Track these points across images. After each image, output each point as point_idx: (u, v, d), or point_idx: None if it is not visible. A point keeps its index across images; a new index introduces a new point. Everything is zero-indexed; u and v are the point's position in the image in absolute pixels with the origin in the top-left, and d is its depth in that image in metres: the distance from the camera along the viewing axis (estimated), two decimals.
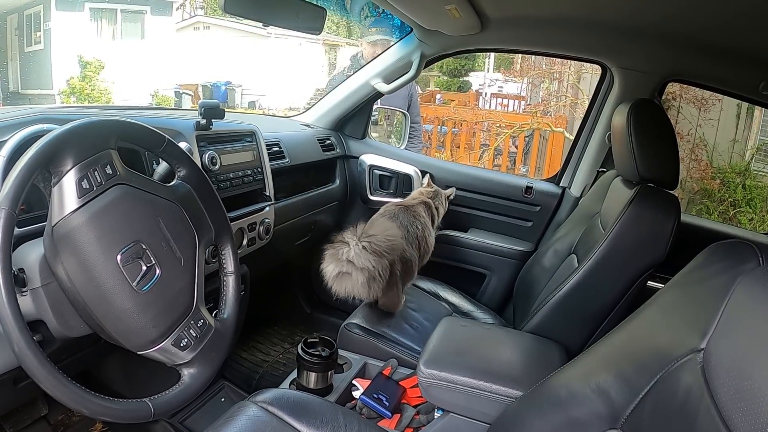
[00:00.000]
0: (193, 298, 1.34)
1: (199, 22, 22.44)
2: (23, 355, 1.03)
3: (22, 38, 18.22)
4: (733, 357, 0.90)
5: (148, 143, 1.37)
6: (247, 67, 19.65)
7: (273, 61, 19.97)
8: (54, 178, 1.15)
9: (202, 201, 1.44)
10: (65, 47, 16.97)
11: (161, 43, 18.96)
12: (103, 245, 1.17)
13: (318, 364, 1.84)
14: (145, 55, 18.27)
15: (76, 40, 17.10)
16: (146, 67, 17.87)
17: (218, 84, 18.56)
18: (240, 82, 18.79)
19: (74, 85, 16.59)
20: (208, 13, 24.23)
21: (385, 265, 2.10)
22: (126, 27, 18.79)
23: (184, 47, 19.85)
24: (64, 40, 17.11)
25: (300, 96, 19.45)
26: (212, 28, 21.88)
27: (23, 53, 18.22)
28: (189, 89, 17.68)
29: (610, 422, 1.08)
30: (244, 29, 20.91)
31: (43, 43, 17.62)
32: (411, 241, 2.35)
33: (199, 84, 18.48)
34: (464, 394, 1.57)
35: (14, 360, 1.23)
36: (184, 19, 22.54)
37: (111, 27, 18.55)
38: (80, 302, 1.17)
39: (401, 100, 4.02)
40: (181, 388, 1.29)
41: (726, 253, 1.06)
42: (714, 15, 1.76)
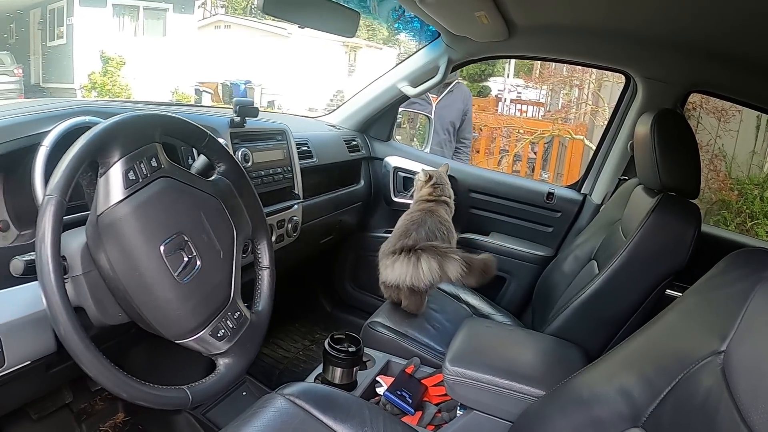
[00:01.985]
0: (230, 290, 1.38)
1: (220, 20, 22.54)
2: (69, 338, 1.07)
3: (44, 33, 18.36)
4: (753, 358, 0.94)
5: (191, 138, 1.41)
6: (266, 66, 19.68)
7: (293, 61, 19.97)
8: (101, 168, 1.18)
9: (241, 196, 1.47)
10: (87, 42, 17.10)
11: (182, 40, 19.05)
12: (147, 235, 1.21)
13: (344, 359, 1.86)
14: (166, 52, 18.35)
15: (99, 36, 17.22)
16: (167, 64, 17.96)
17: (238, 83, 18.60)
18: (259, 81, 18.82)
19: (95, 80, 16.72)
20: (229, 12, 24.35)
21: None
22: (148, 24, 18.89)
23: (204, 45, 19.93)
24: (87, 36, 17.23)
25: (319, 97, 19.48)
26: (233, 26, 21.99)
27: (46, 47, 18.37)
28: (209, 87, 17.76)
29: (632, 421, 1.12)
30: (264, 29, 20.96)
31: (66, 38, 17.75)
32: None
33: (218, 82, 18.55)
34: (488, 392, 1.60)
35: (50, 346, 1.30)
36: (205, 17, 22.64)
37: (133, 23, 18.66)
38: (121, 291, 1.21)
39: (456, 113, 4.07)
40: (218, 378, 1.32)
41: (746, 260, 1.12)
42: (737, 27, 1.76)
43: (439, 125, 4.01)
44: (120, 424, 2.29)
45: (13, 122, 1.38)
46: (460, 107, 4.11)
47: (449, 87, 4.08)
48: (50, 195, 1.07)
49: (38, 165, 1.32)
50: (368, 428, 1.43)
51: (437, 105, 4.03)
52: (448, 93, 4.09)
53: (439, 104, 4.04)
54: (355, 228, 3.17)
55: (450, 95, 4.09)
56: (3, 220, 1.40)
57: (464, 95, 4.22)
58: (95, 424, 2.24)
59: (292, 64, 19.96)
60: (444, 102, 4.06)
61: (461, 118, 4.14)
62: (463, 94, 4.21)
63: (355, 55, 23.33)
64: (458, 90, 4.16)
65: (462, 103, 4.15)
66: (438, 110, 4.01)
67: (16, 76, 16.86)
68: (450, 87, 4.08)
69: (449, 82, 4.03)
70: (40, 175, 1.32)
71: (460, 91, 4.19)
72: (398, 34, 23.79)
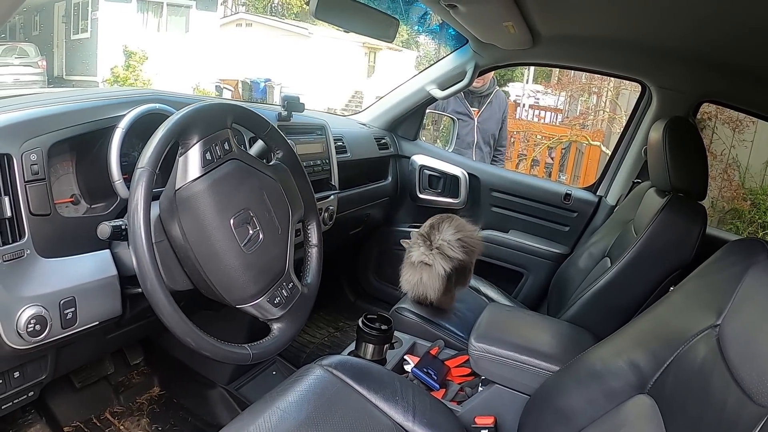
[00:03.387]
0: (285, 263, 1.53)
1: (242, 18, 22.49)
2: (154, 292, 1.23)
3: (69, 26, 18.40)
4: (743, 329, 1.13)
5: (256, 126, 1.58)
6: (286, 65, 19.62)
7: (312, 61, 19.94)
8: (181, 149, 1.35)
9: (296, 180, 1.64)
10: (111, 37, 17.12)
11: (204, 37, 19.06)
12: (219, 209, 1.37)
13: (376, 336, 1.98)
14: (188, 48, 18.39)
15: (122, 31, 17.25)
16: (189, 60, 18.00)
17: (258, 81, 18.59)
18: (279, 79, 18.82)
19: (118, 74, 16.76)
20: (251, 10, 24.35)
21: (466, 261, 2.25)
22: (171, 20, 18.92)
23: (226, 43, 19.95)
24: (110, 30, 17.26)
25: (337, 97, 19.48)
26: (254, 25, 21.93)
27: (69, 40, 18.40)
28: (229, 84, 17.79)
29: (639, 388, 1.29)
30: (285, 28, 20.94)
31: (90, 32, 17.78)
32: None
33: (239, 80, 18.59)
34: (509, 366, 1.73)
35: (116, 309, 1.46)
36: (227, 15, 22.67)
37: (156, 19, 18.69)
38: (191, 258, 1.36)
39: (495, 124, 4.03)
40: (273, 340, 1.48)
41: (740, 248, 1.31)
42: (749, 39, 1.84)
43: (481, 139, 3.98)
44: (156, 398, 2.40)
45: (89, 106, 1.53)
46: (498, 117, 4.06)
47: (489, 98, 3.98)
48: (143, 168, 1.24)
49: (114, 145, 1.48)
50: (399, 398, 1.55)
51: (479, 118, 3.97)
52: (488, 105, 3.99)
53: (480, 117, 3.97)
54: (381, 222, 3.27)
55: (489, 107, 4.00)
56: (74, 194, 1.55)
57: (501, 103, 4.12)
58: (132, 397, 2.36)
59: (311, 64, 19.90)
60: (485, 114, 3.99)
61: (499, 126, 4.09)
62: (500, 101, 4.11)
63: (374, 56, 23.24)
64: (496, 99, 4.06)
65: (500, 111, 4.09)
66: (480, 124, 3.97)
67: (40, 68, 16.96)
68: (489, 98, 3.99)
69: (488, 93, 3.97)
70: (116, 153, 1.48)
71: (498, 100, 4.08)
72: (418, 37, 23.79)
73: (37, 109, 1.41)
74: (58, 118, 1.42)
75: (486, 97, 3.97)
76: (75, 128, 1.45)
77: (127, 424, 2.25)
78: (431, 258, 2.15)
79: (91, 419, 2.21)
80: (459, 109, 3.91)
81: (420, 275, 2.17)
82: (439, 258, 2.15)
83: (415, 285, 2.19)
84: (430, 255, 2.15)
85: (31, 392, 1.52)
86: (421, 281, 2.17)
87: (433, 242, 2.17)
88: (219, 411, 2.34)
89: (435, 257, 2.15)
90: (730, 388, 1.06)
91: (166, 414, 2.34)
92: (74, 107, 1.49)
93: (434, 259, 2.15)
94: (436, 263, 2.14)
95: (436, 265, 2.15)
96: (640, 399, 1.27)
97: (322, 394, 1.50)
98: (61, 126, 1.41)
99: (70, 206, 1.54)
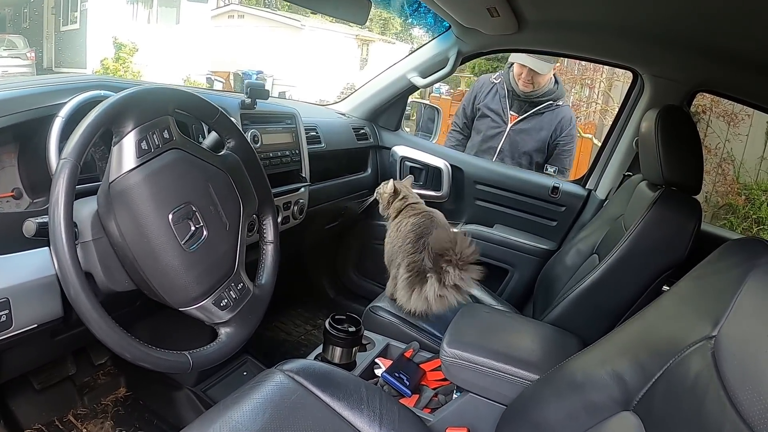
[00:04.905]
0: (234, 262, 1.42)
1: (234, 10, 22.58)
2: (78, 298, 1.11)
3: (58, 17, 18.45)
4: (743, 342, 0.98)
5: (203, 113, 1.46)
6: (279, 57, 19.73)
7: (305, 53, 20.02)
8: (115, 137, 1.22)
9: (249, 172, 1.52)
10: (101, 28, 17.16)
11: (195, 29, 19.09)
12: (157, 203, 1.25)
13: (344, 339, 1.90)
14: (179, 40, 18.41)
15: (112, 22, 17.28)
16: (179, 52, 18.02)
17: (249, 73, 18.57)
18: (271, 72, 18.83)
19: (107, 66, 16.74)
20: (243, 1, 24.37)
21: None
22: (162, 12, 18.96)
23: (217, 34, 19.98)
24: (100, 22, 17.30)
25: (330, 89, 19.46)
26: (246, 17, 22.03)
27: (59, 32, 18.46)
28: (221, 77, 17.79)
29: (624, 404, 1.15)
30: (277, 20, 21.02)
31: (79, 23, 17.82)
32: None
33: (230, 72, 18.59)
34: (484, 374, 1.62)
35: (57, 311, 1.34)
36: (219, 6, 22.67)
37: (147, 11, 18.73)
38: (129, 257, 1.25)
39: (535, 142, 3.37)
40: (219, 346, 1.36)
41: (740, 249, 1.16)
42: (744, 27, 1.78)
43: (508, 152, 3.41)
44: (121, 399, 2.35)
45: (29, 93, 1.43)
46: (543, 136, 3.36)
47: (539, 108, 3.35)
48: (65, 159, 1.11)
49: (53, 135, 1.37)
50: (365, 406, 1.46)
51: (513, 125, 3.39)
52: (535, 116, 3.37)
53: (517, 125, 3.38)
54: (360, 216, 3.19)
55: (536, 119, 3.37)
56: (16, 188, 1.46)
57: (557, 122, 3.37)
58: (97, 398, 2.30)
59: (304, 56, 20.02)
60: (525, 125, 3.38)
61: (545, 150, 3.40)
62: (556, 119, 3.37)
63: (367, 48, 23.36)
64: (552, 114, 3.37)
65: (549, 131, 3.36)
66: (513, 133, 3.38)
67: (29, 59, 16.97)
68: (540, 108, 3.35)
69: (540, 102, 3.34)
70: (55, 144, 1.37)
71: (554, 116, 3.37)
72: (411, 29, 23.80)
73: None
74: None
75: (535, 105, 3.35)
76: (14, 116, 1.35)
77: (91, 426, 2.20)
78: (445, 291, 2.12)
79: (53, 421, 2.17)
80: (493, 106, 3.44)
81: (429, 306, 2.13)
82: (453, 292, 2.12)
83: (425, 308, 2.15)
84: (445, 290, 2.12)
85: None
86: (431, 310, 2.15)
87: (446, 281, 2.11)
88: (185, 413, 2.27)
89: (449, 291, 2.12)
90: (726, 413, 0.92)
91: (131, 416, 2.29)
92: (12, 94, 1.40)
93: (448, 292, 2.12)
94: (450, 296, 2.12)
95: (448, 296, 2.12)
96: (625, 417, 1.14)
97: (280, 402, 1.42)
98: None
99: (11, 201, 1.46)
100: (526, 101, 3.34)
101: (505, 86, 3.38)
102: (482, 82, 3.55)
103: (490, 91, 3.45)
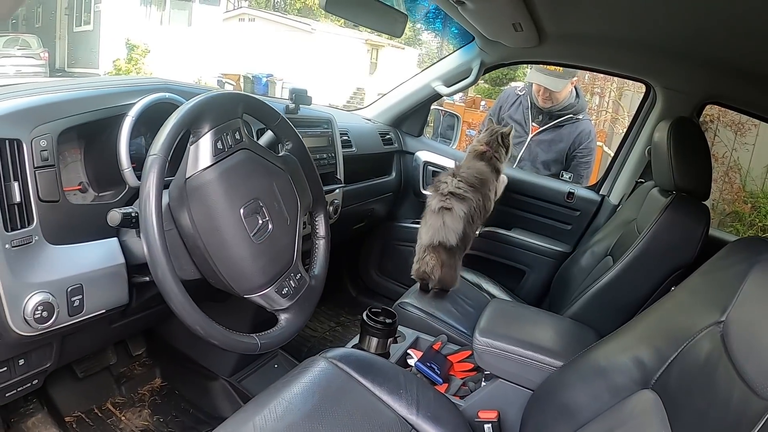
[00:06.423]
0: (294, 254, 1.54)
1: (245, 13, 22.56)
2: (164, 279, 1.23)
3: (71, 18, 18.45)
4: (747, 325, 1.15)
5: (267, 117, 1.59)
6: (289, 60, 19.68)
7: (315, 57, 19.98)
8: (192, 137, 1.35)
9: (305, 172, 1.65)
10: (113, 29, 17.17)
11: (207, 31, 19.11)
12: (229, 198, 1.37)
13: (380, 330, 1.99)
14: (190, 42, 18.43)
15: (125, 23, 17.30)
16: (191, 54, 18.04)
17: (260, 76, 18.61)
18: (281, 75, 18.85)
19: (120, 67, 16.79)
20: (253, 5, 24.38)
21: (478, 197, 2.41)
22: (174, 14, 18.97)
23: (228, 37, 19.99)
24: (113, 23, 17.31)
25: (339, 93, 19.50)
26: (257, 20, 21.98)
27: (72, 32, 18.45)
28: (231, 79, 17.80)
29: (643, 384, 1.30)
30: (287, 23, 20.98)
31: (92, 24, 17.83)
32: (474, 216, 2.47)
33: (241, 75, 18.61)
34: (513, 361, 1.74)
35: (122, 298, 1.47)
36: (230, 9, 22.70)
37: (159, 13, 18.74)
38: (200, 248, 1.37)
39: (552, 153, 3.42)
40: (281, 330, 1.49)
41: (745, 246, 1.33)
42: (752, 42, 1.85)
43: (528, 160, 3.47)
44: (157, 389, 2.42)
45: (99, 93, 1.54)
46: (561, 147, 3.40)
47: (558, 121, 3.39)
48: (155, 155, 1.24)
49: (124, 133, 1.49)
50: (403, 391, 1.56)
51: (534, 136, 3.44)
52: (555, 128, 3.41)
53: (537, 136, 3.44)
54: (384, 217, 3.28)
55: (555, 131, 3.41)
56: (82, 182, 1.56)
57: (576, 135, 3.38)
58: (134, 387, 2.37)
59: (314, 60, 19.97)
60: (545, 136, 3.43)
61: (563, 161, 3.42)
62: (575, 133, 3.39)
63: (377, 53, 23.28)
64: (572, 128, 3.39)
65: (568, 143, 3.39)
66: (532, 143, 3.44)
67: (42, 59, 16.98)
68: (560, 121, 3.39)
69: (561, 115, 3.38)
70: (125, 142, 1.49)
71: (574, 130, 3.39)
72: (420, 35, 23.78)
73: (47, 95, 1.42)
74: (68, 104, 1.43)
75: (555, 118, 3.39)
76: (85, 115, 1.45)
77: (129, 414, 2.26)
78: (450, 202, 2.34)
79: (92, 409, 2.22)
80: (516, 117, 3.50)
81: (443, 219, 2.32)
82: (456, 201, 2.35)
83: (439, 229, 2.32)
84: (447, 200, 2.35)
85: (35, 380, 1.53)
86: (444, 225, 2.31)
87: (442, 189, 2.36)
88: (220, 403, 2.35)
89: (453, 201, 2.35)
90: (735, 382, 1.07)
91: (168, 405, 2.35)
92: (85, 94, 1.50)
93: (453, 203, 2.34)
94: (456, 206, 2.34)
95: (455, 208, 2.34)
96: (644, 394, 1.28)
97: (327, 386, 1.51)
98: (71, 113, 1.42)
99: (78, 194, 1.54)
100: (547, 114, 3.40)
101: (528, 98, 3.45)
102: (508, 93, 3.63)
103: (515, 103, 3.52)
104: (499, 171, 2.66)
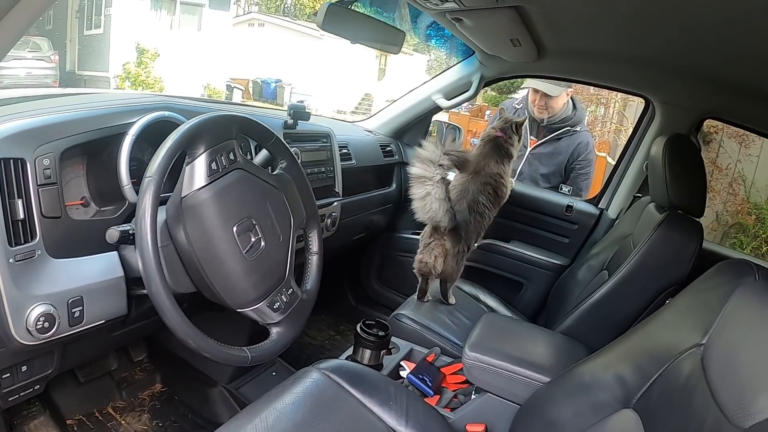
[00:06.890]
0: (286, 269, 1.60)
1: (254, 18, 22.59)
2: (158, 294, 1.29)
3: (82, 21, 18.45)
4: (725, 349, 1.17)
5: (261, 137, 1.65)
6: (297, 66, 19.70)
7: (323, 63, 20.00)
8: (188, 158, 1.40)
9: (299, 189, 1.70)
10: (123, 33, 17.20)
11: (217, 36, 19.14)
12: (223, 217, 1.43)
13: (374, 342, 2.03)
14: (200, 46, 18.48)
15: (135, 27, 17.33)
16: (200, 58, 18.09)
17: (268, 81, 18.68)
18: (290, 80, 18.89)
19: (129, 71, 16.84)
20: (263, 10, 24.41)
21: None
22: (184, 18, 18.99)
23: (238, 42, 20.03)
24: (123, 27, 17.35)
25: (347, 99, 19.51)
26: (267, 25, 22.02)
27: (82, 36, 18.46)
28: (240, 84, 17.86)
29: (624, 402, 1.33)
30: (297, 29, 20.98)
31: (103, 28, 17.87)
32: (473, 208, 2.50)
33: (250, 79, 18.66)
34: (501, 376, 1.76)
35: (121, 309, 1.52)
36: (239, 15, 22.74)
37: (170, 17, 18.76)
38: (195, 263, 1.42)
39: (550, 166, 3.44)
40: (272, 343, 1.54)
41: (730, 268, 1.35)
42: (750, 58, 1.86)
43: (528, 173, 3.49)
44: (157, 394, 2.47)
45: (100, 113, 1.59)
46: (560, 160, 3.43)
47: (556, 134, 3.41)
48: (151, 177, 1.29)
49: (124, 151, 1.54)
50: (393, 403, 1.59)
51: (532, 150, 3.47)
52: (553, 141, 3.43)
53: (536, 149, 3.47)
54: (384, 228, 3.30)
55: (553, 144, 3.44)
56: (84, 197, 1.61)
57: (574, 147, 3.41)
58: (134, 392, 2.42)
59: (322, 66, 19.98)
60: (544, 149, 3.46)
61: (562, 173, 3.46)
62: (573, 145, 3.41)
63: (386, 59, 23.26)
64: (569, 140, 3.42)
65: (566, 156, 3.42)
66: (531, 157, 3.46)
67: (52, 62, 17.03)
68: (558, 134, 3.41)
69: (558, 128, 3.40)
70: (125, 160, 1.54)
71: (571, 142, 3.41)
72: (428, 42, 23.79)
73: (50, 116, 1.46)
74: (70, 124, 1.47)
75: (554, 130, 3.41)
76: (87, 134, 1.50)
77: (129, 418, 2.31)
78: (430, 171, 2.29)
79: (93, 413, 2.28)
80: None
81: (425, 189, 2.29)
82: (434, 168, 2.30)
83: (423, 198, 2.30)
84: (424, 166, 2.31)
85: (37, 386, 1.57)
86: (428, 194, 2.28)
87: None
88: (219, 409, 2.39)
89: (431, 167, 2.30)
90: (710, 407, 1.09)
91: (167, 410, 2.40)
92: (86, 114, 1.55)
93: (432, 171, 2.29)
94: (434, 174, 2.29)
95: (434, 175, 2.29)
96: (625, 413, 1.31)
97: (318, 396, 1.55)
98: (73, 132, 1.47)
99: (80, 208, 1.59)
100: (545, 127, 3.42)
101: (526, 112, 3.46)
102: (506, 106, 3.60)
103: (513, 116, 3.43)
104: (512, 156, 2.63)
